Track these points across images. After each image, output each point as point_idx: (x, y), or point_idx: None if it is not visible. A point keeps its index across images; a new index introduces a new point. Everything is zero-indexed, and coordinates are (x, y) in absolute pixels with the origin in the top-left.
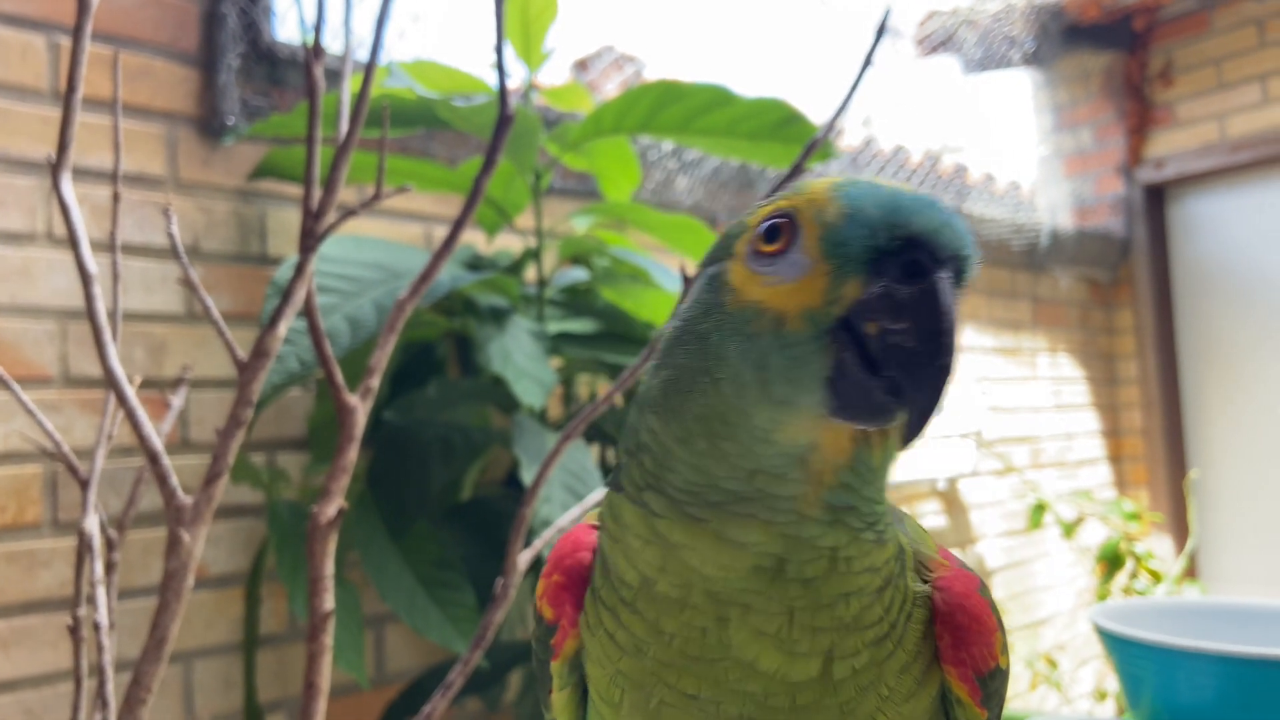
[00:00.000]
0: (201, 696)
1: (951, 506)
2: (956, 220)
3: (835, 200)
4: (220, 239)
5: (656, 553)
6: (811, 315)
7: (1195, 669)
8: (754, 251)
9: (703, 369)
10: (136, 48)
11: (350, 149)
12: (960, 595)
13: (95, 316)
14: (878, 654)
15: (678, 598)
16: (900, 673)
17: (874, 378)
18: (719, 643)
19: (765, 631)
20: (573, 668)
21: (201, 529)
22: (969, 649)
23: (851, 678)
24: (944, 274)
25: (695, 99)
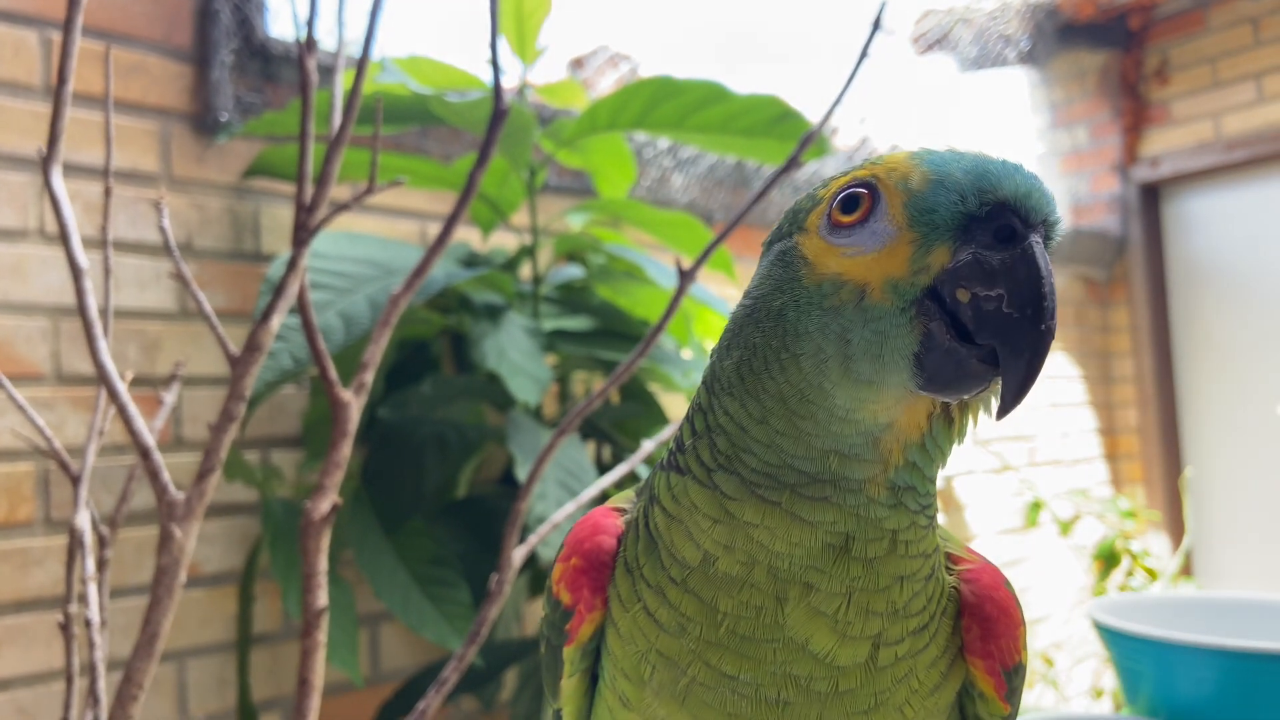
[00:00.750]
0: (196, 695)
1: (948, 505)
2: (1044, 185)
3: (919, 167)
4: (214, 236)
5: (725, 531)
6: (896, 285)
7: (1192, 663)
8: (830, 223)
9: (781, 346)
10: (130, 44)
11: (343, 144)
12: (989, 587)
13: (86, 312)
14: (916, 644)
15: (739, 575)
16: (930, 666)
17: (967, 345)
18: (774, 622)
19: (823, 611)
20: (585, 654)
21: (194, 525)
22: (997, 641)
23: (892, 666)
24: (1036, 237)
25: (690, 95)
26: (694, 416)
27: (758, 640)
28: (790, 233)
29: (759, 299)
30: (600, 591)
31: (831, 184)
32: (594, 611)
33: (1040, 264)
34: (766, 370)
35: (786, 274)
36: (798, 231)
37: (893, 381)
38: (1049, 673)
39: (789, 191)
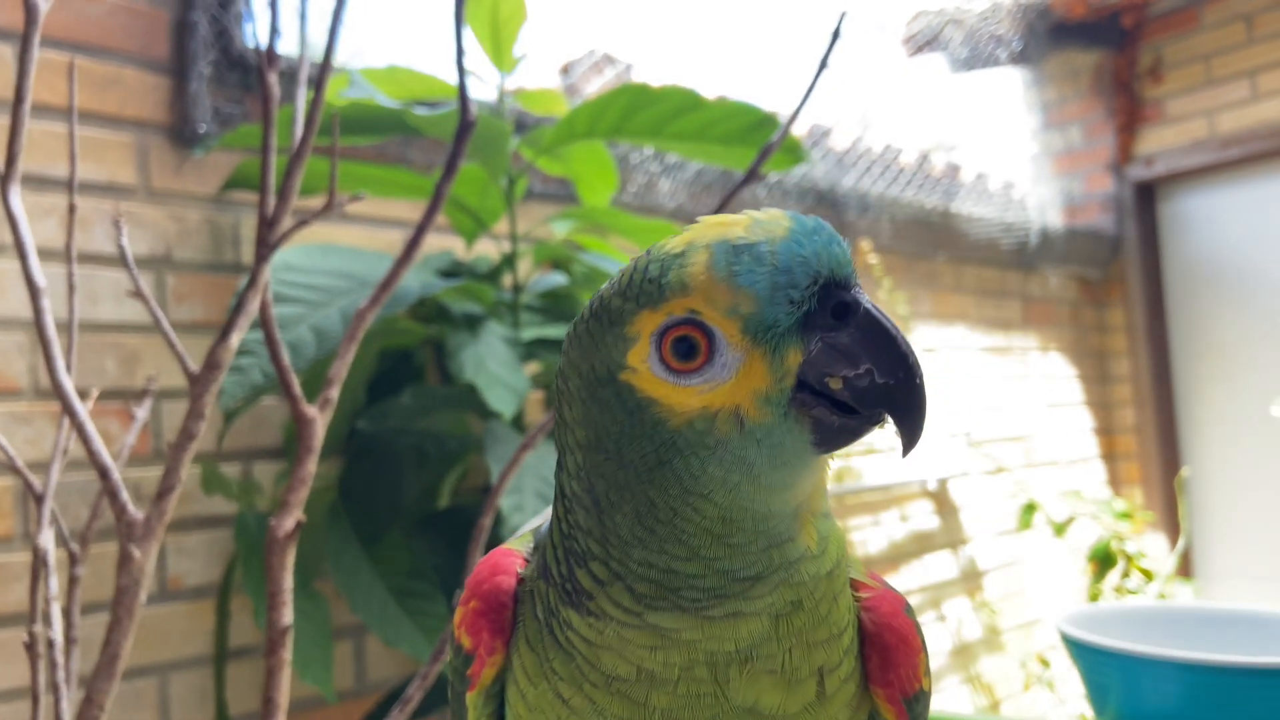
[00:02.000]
0: (178, 709)
1: (942, 507)
2: (829, 230)
3: (736, 289)
4: (193, 247)
5: (664, 654)
6: (768, 398)
7: (1158, 676)
8: (667, 367)
9: (683, 492)
10: (106, 56)
11: (304, 156)
12: (887, 615)
13: (44, 330)
14: (849, 663)
15: (679, 677)
16: (846, 703)
17: (854, 416)
18: (716, 701)
19: (768, 671)
20: (489, 698)
21: (153, 544)
22: (896, 670)
23: (840, 689)
24: (864, 298)
25: (666, 103)
26: (588, 561)
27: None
28: (612, 373)
29: (619, 446)
30: (500, 634)
31: (638, 318)
32: (494, 655)
33: (885, 325)
34: (678, 516)
35: (638, 420)
36: (620, 370)
37: (803, 472)
38: (1045, 674)
39: (778, 195)
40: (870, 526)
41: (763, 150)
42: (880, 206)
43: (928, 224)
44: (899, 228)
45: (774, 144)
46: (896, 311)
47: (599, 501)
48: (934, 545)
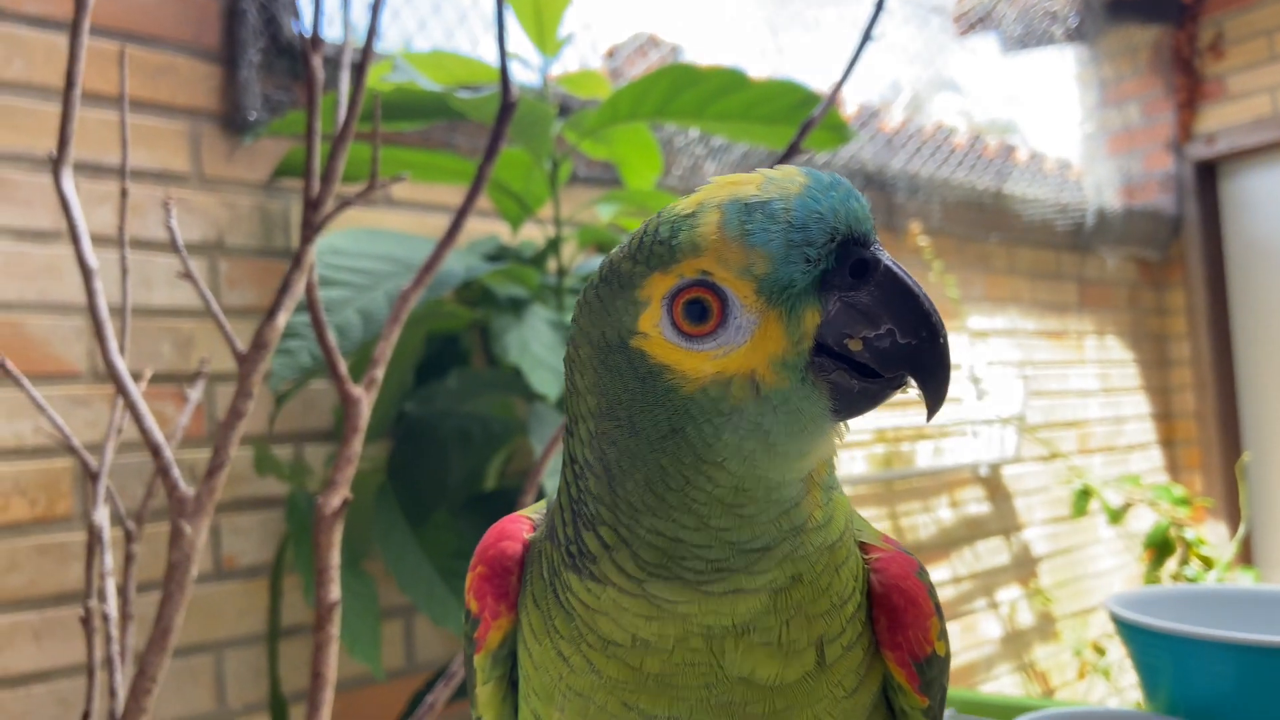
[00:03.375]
0: (233, 686)
1: (994, 493)
2: (846, 185)
3: (749, 248)
4: (245, 234)
5: (660, 624)
6: (785, 363)
7: (1210, 657)
8: (679, 331)
9: (697, 460)
10: (159, 45)
11: (347, 140)
12: (896, 577)
13: (97, 311)
14: (854, 630)
15: (674, 646)
16: (853, 669)
17: (875, 380)
18: (711, 670)
19: (764, 643)
20: (496, 661)
21: (204, 521)
22: (905, 632)
23: (841, 658)
24: (884, 254)
25: (709, 83)
26: (597, 526)
27: (690, 686)
28: (623, 339)
29: (632, 413)
30: (505, 598)
31: (649, 281)
32: (499, 618)
33: (907, 283)
34: (690, 485)
35: (651, 387)
36: (631, 336)
37: (820, 439)
38: (1100, 663)
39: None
40: (921, 512)
41: (802, 126)
42: (931, 188)
43: (980, 205)
44: (950, 209)
45: (814, 119)
46: (947, 295)
47: (610, 469)
48: (986, 532)
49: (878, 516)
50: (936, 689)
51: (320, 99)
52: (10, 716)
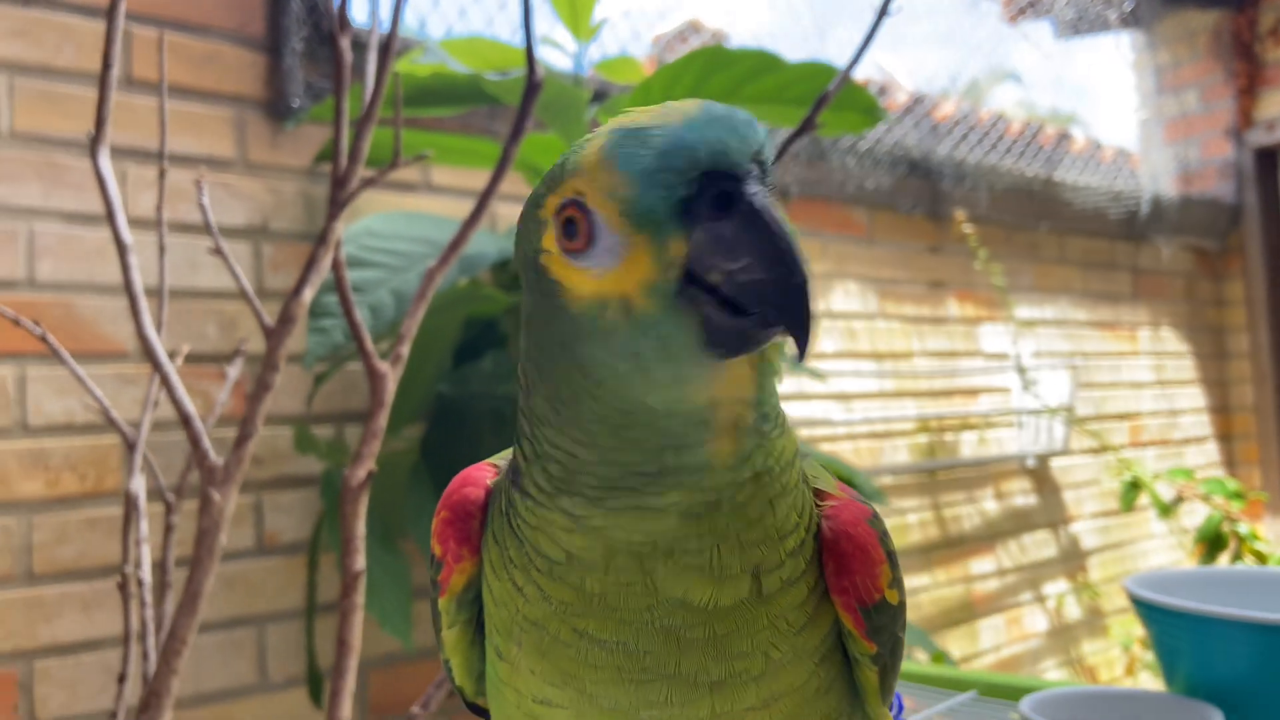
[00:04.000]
0: (275, 658)
1: (1042, 486)
2: (739, 119)
3: (615, 169)
4: (288, 218)
5: (580, 537)
6: (654, 289)
7: (1231, 638)
8: (563, 248)
9: (583, 376)
10: (206, 34)
11: (372, 119)
12: (846, 523)
13: (131, 286)
14: (796, 566)
15: (602, 563)
16: (797, 606)
17: (742, 317)
18: (645, 591)
19: (695, 565)
20: (461, 605)
21: (232, 489)
22: (851, 577)
23: (780, 592)
24: (752, 188)
25: (742, 65)
26: (521, 440)
27: (630, 608)
28: (533, 256)
29: (541, 330)
30: (466, 543)
31: (546, 202)
32: (461, 562)
33: (767, 218)
34: (577, 401)
35: (551, 302)
36: (539, 254)
37: (693, 371)
38: (1149, 658)
39: (869, 163)
40: (965, 504)
41: (815, 103)
42: (978, 175)
43: (1029, 193)
44: (997, 197)
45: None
46: (992, 284)
47: (528, 383)
48: (1033, 524)
49: (919, 507)
50: (886, 636)
51: (348, 81)
52: (59, 684)
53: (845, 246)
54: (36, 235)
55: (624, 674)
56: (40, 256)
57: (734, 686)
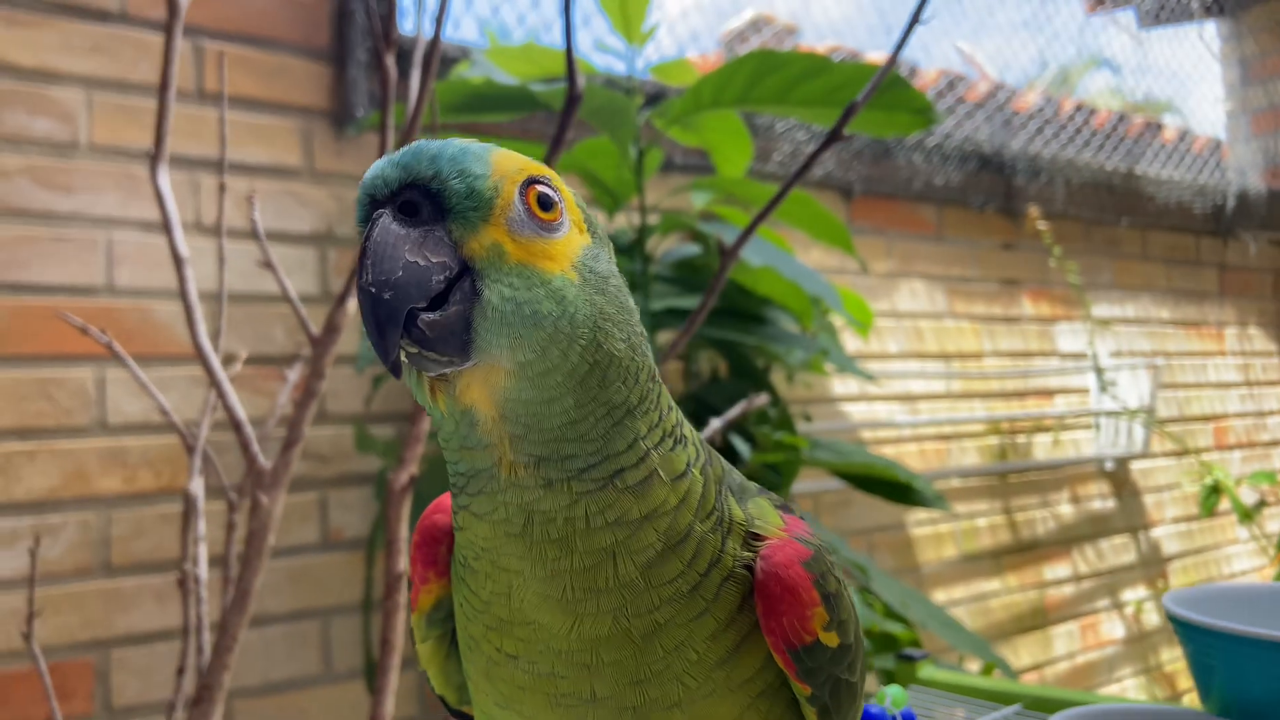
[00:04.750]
0: (338, 650)
1: (1120, 489)
2: (420, 152)
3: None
4: (352, 224)
5: (460, 534)
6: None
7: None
8: None
9: None
10: (274, 48)
11: (415, 128)
12: (777, 565)
13: (187, 297)
14: (684, 611)
15: (480, 568)
16: (710, 638)
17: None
18: (514, 606)
19: (550, 595)
20: (431, 623)
21: (280, 493)
22: (779, 619)
23: (657, 634)
24: (386, 213)
25: (793, 68)
26: None
27: (511, 623)
28: None
29: None
30: (433, 566)
31: None
32: (427, 584)
33: (378, 238)
34: None
35: None
36: None
37: (406, 379)
38: None
39: (937, 158)
40: (1038, 507)
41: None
42: (1053, 169)
43: (1108, 187)
44: (1074, 192)
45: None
46: (1067, 281)
47: None
48: (1111, 529)
49: (990, 510)
50: (822, 678)
51: (394, 94)
52: (135, 671)
53: (912, 244)
54: (115, 244)
55: (551, 699)
56: (118, 264)
57: (656, 713)
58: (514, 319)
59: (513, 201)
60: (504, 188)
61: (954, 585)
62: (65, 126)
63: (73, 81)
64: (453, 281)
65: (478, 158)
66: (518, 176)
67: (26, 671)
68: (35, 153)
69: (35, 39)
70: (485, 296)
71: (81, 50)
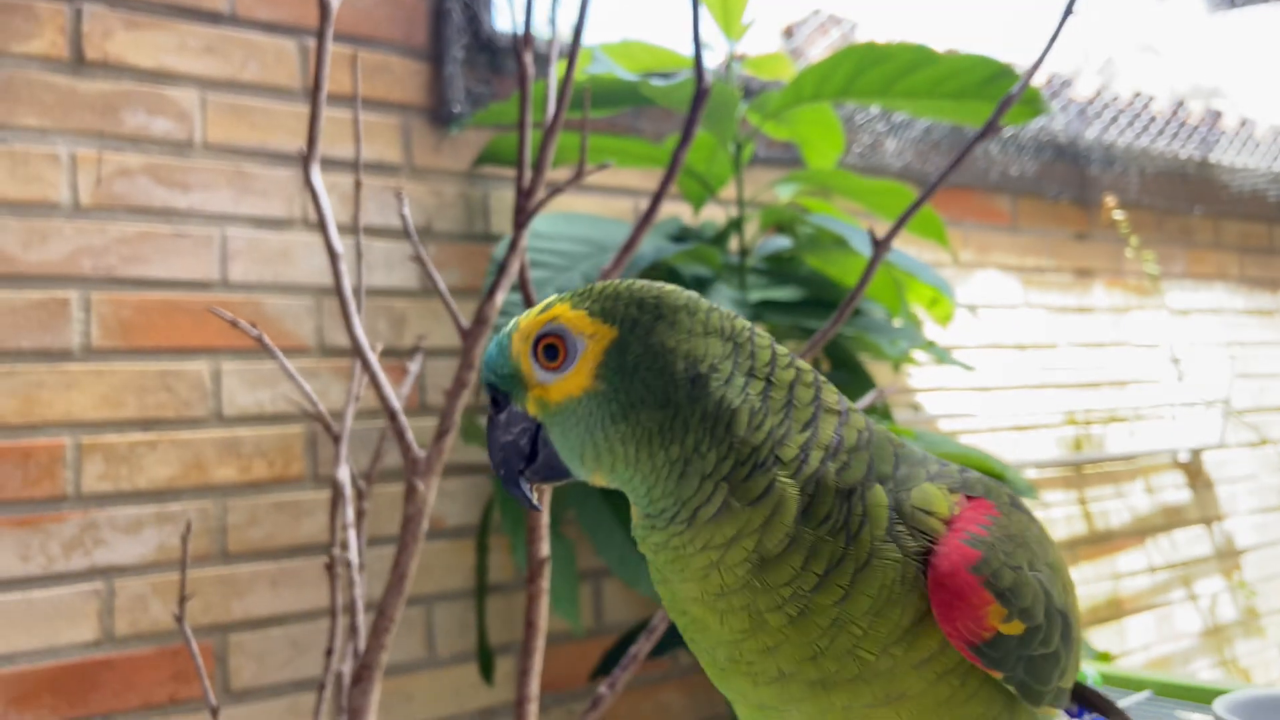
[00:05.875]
0: (442, 636)
1: (1195, 480)
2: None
3: None
4: (450, 219)
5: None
6: None
7: None
8: None
9: None
10: (374, 46)
11: (557, 131)
12: (943, 573)
13: (342, 290)
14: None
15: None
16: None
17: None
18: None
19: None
20: None
21: (433, 479)
22: (952, 623)
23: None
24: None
25: (897, 60)
26: None
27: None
28: None
29: None
30: None
31: None
32: None
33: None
34: None
35: None
36: None
37: None
38: None
39: (1013, 150)
40: (1113, 498)
41: (1001, 102)
42: (1128, 159)
43: (1182, 176)
44: (1149, 181)
45: (1014, 95)
46: (1144, 270)
47: None
48: (1185, 520)
49: (1064, 501)
50: (1012, 662)
51: (530, 92)
52: (250, 656)
53: (988, 235)
54: (229, 239)
55: (750, 678)
56: (232, 259)
57: (841, 685)
58: (568, 447)
59: (531, 364)
60: (521, 361)
61: None
62: (181, 126)
63: (188, 82)
64: (534, 434)
65: (501, 348)
66: (525, 345)
67: (151, 653)
68: (155, 151)
69: (153, 40)
70: (550, 439)
71: (195, 51)
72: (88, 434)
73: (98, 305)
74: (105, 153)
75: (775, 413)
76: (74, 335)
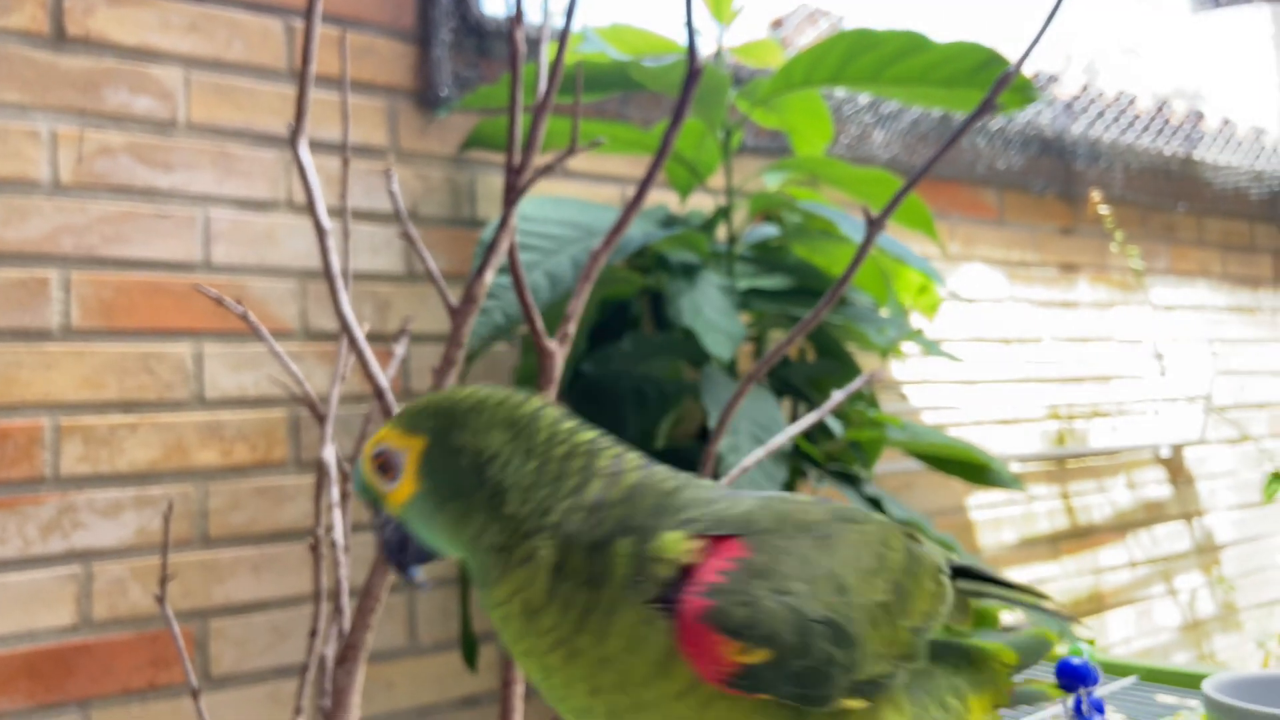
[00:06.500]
0: (424, 624)
1: (1176, 476)
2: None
3: None
4: (436, 204)
5: None
6: None
7: None
8: None
9: None
10: (361, 27)
11: (548, 109)
12: (682, 626)
13: (330, 268)
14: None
15: None
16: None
17: None
18: None
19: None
20: None
21: None
22: (698, 666)
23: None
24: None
25: (887, 46)
26: None
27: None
28: None
29: None
30: None
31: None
32: None
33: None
34: None
35: None
36: None
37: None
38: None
39: (999, 143)
40: (1095, 493)
41: (994, 85)
42: (1113, 154)
43: (1166, 173)
44: (1133, 177)
45: (1010, 74)
46: (1129, 266)
47: None
48: (1166, 516)
49: (1048, 495)
50: (776, 683)
51: (522, 70)
52: (232, 642)
53: (974, 229)
54: (212, 220)
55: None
56: (215, 241)
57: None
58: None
59: (377, 479)
60: (371, 479)
61: (1012, 568)
62: (165, 104)
63: (171, 60)
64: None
65: (359, 472)
66: (369, 466)
67: (130, 638)
68: (138, 130)
69: (135, 17)
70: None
71: (179, 29)
72: (67, 415)
73: (78, 285)
74: (87, 130)
75: (545, 485)
76: (53, 315)
